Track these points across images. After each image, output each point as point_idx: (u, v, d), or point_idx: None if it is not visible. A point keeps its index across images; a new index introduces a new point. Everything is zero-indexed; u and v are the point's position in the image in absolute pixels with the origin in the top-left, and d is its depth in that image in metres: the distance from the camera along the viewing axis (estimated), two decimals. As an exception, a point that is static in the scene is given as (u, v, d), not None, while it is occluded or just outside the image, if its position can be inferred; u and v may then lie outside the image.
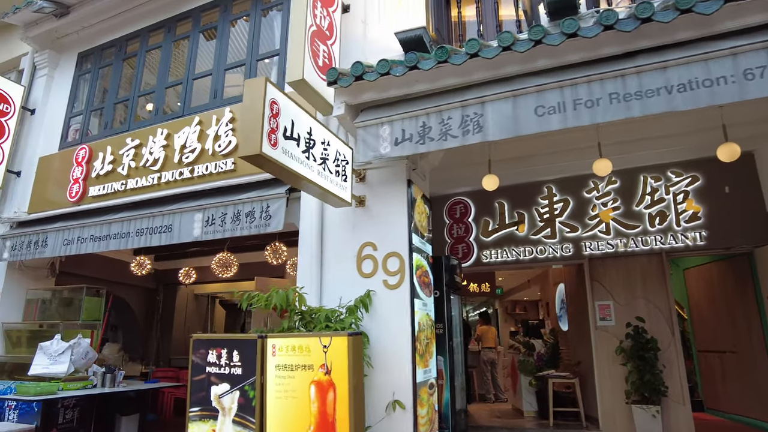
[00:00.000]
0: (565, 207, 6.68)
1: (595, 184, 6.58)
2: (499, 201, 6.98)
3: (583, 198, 6.61)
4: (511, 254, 6.81)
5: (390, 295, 4.04)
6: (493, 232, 6.94)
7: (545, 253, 6.66)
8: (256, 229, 4.59)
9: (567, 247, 6.55)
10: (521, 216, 6.86)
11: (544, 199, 6.81)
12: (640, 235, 6.20)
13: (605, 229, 6.41)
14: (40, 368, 5.71)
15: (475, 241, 6.97)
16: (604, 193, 6.52)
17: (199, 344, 3.39)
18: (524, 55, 3.66)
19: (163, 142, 5.75)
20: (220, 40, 5.94)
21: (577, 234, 6.53)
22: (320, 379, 2.91)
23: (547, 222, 6.72)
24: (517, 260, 6.78)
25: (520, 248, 6.78)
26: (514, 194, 6.88)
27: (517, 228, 6.85)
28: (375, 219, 4.27)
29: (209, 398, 3.26)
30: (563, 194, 6.72)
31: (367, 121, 4.03)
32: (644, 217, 6.23)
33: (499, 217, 6.96)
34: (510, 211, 6.94)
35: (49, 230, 6.11)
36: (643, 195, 6.31)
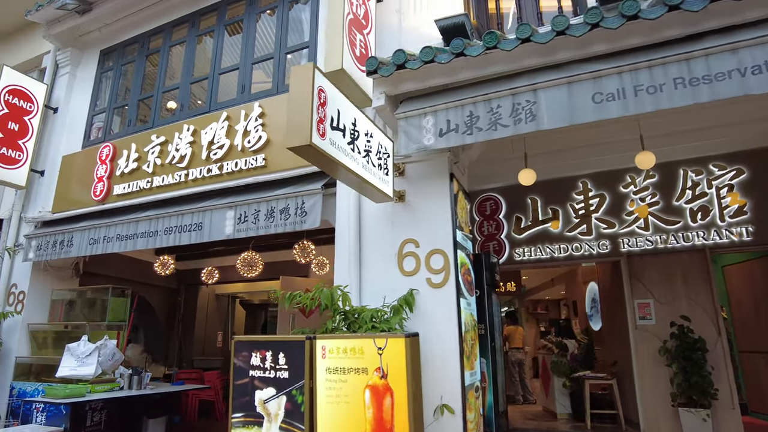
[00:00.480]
0: (601, 202, 6.45)
1: (632, 178, 6.35)
2: (531, 197, 6.77)
3: (620, 193, 6.38)
4: (545, 252, 6.60)
5: (435, 294, 3.85)
6: (525, 229, 6.73)
7: (581, 251, 6.44)
8: (291, 226, 4.43)
9: (604, 243, 6.33)
10: (555, 212, 6.65)
11: (578, 194, 6.59)
12: (681, 231, 5.96)
13: (644, 225, 6.17)
14: (67, 370, 5.60)
15: (507, 239, 6.76)
16: (641, 188, 6.28)
17: (242, 346, 3.23)
18: (579, 40, 3.46)
19: (190, 138, 5.62)
20: (246, 34, 5.79)
21: (614, 230, 6.30)
22: (376, 383, 2.73)
23: (582, 218, 6.50)
24: (552, 258, 6.57)
25: (554, 245, 6.56)
26: (547, 190, 6.67)
27: (550, 224, 6.64)
28: (416, 215, 4.09)
29: (253, 403, 3.10)
30: (599, 189, 6.49)
31: (408, 111, 3.85)
32: (685, 212, 5.99)
33: (531, 214, 6.75)
34: (543, 207, 6.73)
35: (74, 230, 6.00)
36: (684, 189, 6.06)
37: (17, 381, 6.13)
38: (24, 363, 6.30)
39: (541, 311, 14.17)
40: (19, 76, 6.79)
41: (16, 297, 6.50)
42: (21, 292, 6.49)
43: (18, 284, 6.57)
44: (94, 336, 5.99)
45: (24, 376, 6.25)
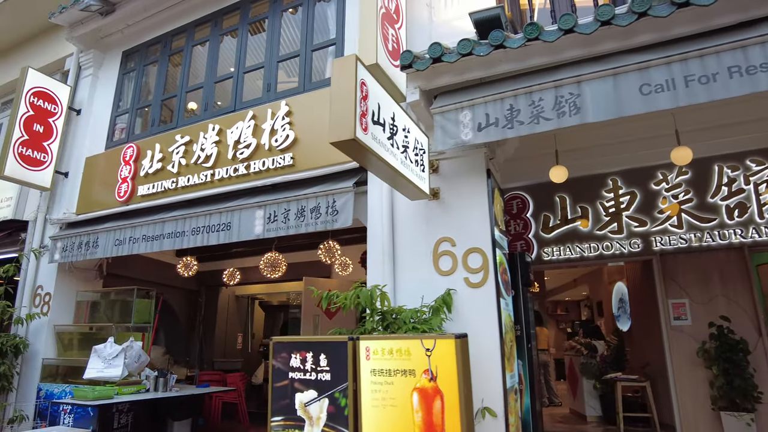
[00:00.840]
0: (632, 200, 6.29)
1: (664, 175, 6.18)
2: (559, 195, 6.62)
3: (652, 190, 6.21)
4: (574, 251, 6.45)
5: (473, 294, 3.75)
6: (554, 228, 6.58)
7: (611, 249, 6.28)
8: (322, 225, 4.35)
9: (635, 242, 6.16)
10: (584, 210, 6.50)
11: (608, 192, 6.43)
12: (717, 229, 5.78)
13: (677, 223, 6.00)
14: (95, 372, 5.58)
15: (535, 238, 6.62)
16: (674, 185, 6.11)
17: (281, 347, 3.14)
18: (623, 30, 3.34)
19: (215, 138, 5.57)
20: (271, 32, 5.73)
21: (646, 228, 6.14)
22: (424, 385, 2.63)
23: (612, 216, 6.34)
24: (582, 257, 6.42)
25: (584, 244, 6.41)
26: (575, 188, 6.51)
27: (580, 223, 6.49)
28: (451, 212, 3.99)
29: (293, 407, 3.01)
30: (629, 187, 6.33)
31: (445, 106, 3.75)
32: (721, 210, 5.81)
33: (560, 212, 6.60)
34: (572, 205, 6.58)
35: (99, 231, 5.98)
36: (719, 186, 5.88)
37: (44, 382, 6.11)
38: (50, 364, 6.29)
39: (561, 312, 13.96)
40: (44, 78, 6.80)
41: (42, 298, 6.49)
42: (47, 293, 6.49)
43: (44, 286, 6.57)
44: (119, 338, 5.96)
45: (51, 377, 6.24)
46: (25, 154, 6.45)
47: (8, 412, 5.97)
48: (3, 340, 5.82)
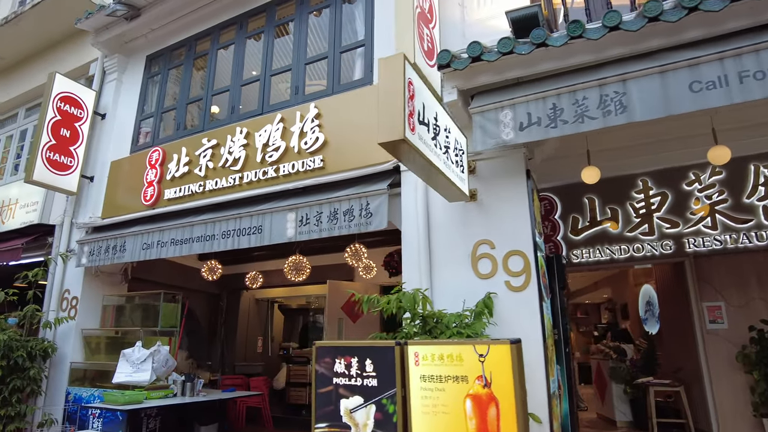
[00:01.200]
0: (663, 201, 6.16)
1: (697, 175, 6.04)
2: (588, 196, 6.51)
3: (683, 191, 6.08)
4: (604, 253, 6.33)
5: (515, 297, 3.67)
6: (583, 230, 6.47)
7: (642, 251, 6.16)
8: (356, 227, 4.29)
9: (667, 244, 6.03)
10: (614, 212, 6.38)
11: (638, 193, 6.31)
12: (754, 230, 5.64)
13: (711, 224, 5.87)
14: (123, 376, 5.57)
15: (564, 240, 6.51)
16: (707, 185, 5.98)
17: (324, 352, 3.09)
18: (671, 26, 3.25)
19: (243, 141, 5.54)
20: (298, 34, 5.70)
21: (678, 230, 6.00)
22: (478, 392, 2.56)
23: (643, 218, 6.21)
24: (612, 260, 6.30)
25: (614, 246, 6.29)
26: (604, 189, 6.39)
27: (609, 225, 6.37)
28: (489, 214, 3.91)
29: (338, 413, 2.95)
30: (660, 187, 6.20)
31: (484, 106, 3.68)
32: (757, 210, 5.66)
33: (589, 214, 6.49)
34: (601, 207, 6.46)
35: (126, 235, 5.97)
36: (755, 186, 5.74)
37: (72, 386, 6.12)
38: (78, 368, 6.30)
39: (581, 315, 13.78)
40: (70, 83, 6.84)
41: (69, 302, 6.51)
42: (74, 297, 6.50)
43: (71, 290, 6.59)
44: (146, 342, 5.95)
45: (78, 381, 6.24)
46: (52, 158, 6.48)
47: (37, 416, 5.97)
48: (32, 343, 5.83)
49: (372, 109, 4.78)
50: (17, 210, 7.80)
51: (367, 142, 4.74)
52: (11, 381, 5.59)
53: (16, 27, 8.05)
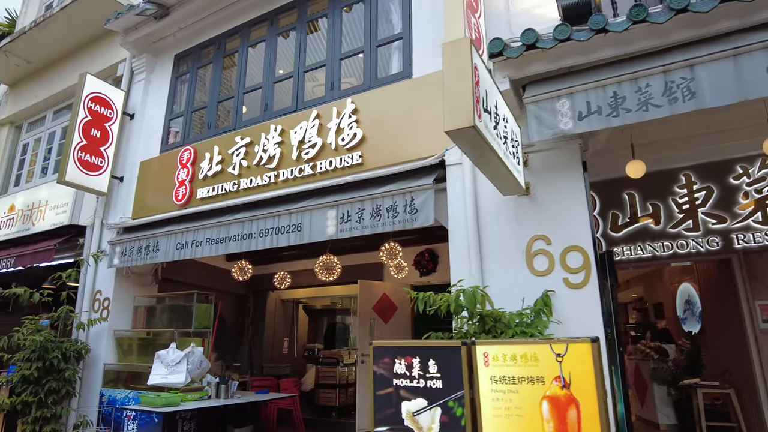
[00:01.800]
0: (708, 196, 5.92)
1: (745, 169, 5.79)
2: (628, 192, 6.28)
3: (730, 185, 5.83)
4: (645, 250, 6.11)
5: (574, 295, 3.51)
6: (623, 227, 6.25)
7: (687, 248, 5.92)
8: (400, 224, 4.16)
9: (713, 240, 5.80)
10: (655, 208, 6.17)
11: (681, 188, 6.07)
12: (809, 225, 5.40)
13: (761, 219, 5.63)
14: (159, 378, 5.50)
15: (603, 237, 6.30)
16: (756, 179, 5.74)
17: (382, 352, 2.95)
18: (745, 6, 3.08)
19: (278, 138, 5.45)
20: (332, 28, 5.60)
21: (725, 225, 5.76)
22: (555, 393, 2.41)
23: (687, 213, 5.98)
24: (654, 257, 6.07)
25: (656, 243, 6.06)
26: (644, 184, 6.16)
27: (651, 221, 6.16)
28: (543, 209, 3.76)
29: (400, 416, 2.82)
30: (704, 182, 5.96)
31: (540, 95, 3.53)
32: (811, 204, 5.42)
33: (629, 210, 6.28)
34: (641, 202, 6.24)
35: (159, 235, 5.91)
36: (809, 179, 5.50)
37: (106, 388, 6.07)
38: (111, 370, 6.25)
39: (608, 315, 13.45)
40: (100, 83, 6.82)
41: (101, 303, 6.47)
42: (106, 298, 6.46)
43: (102, 291, 6.55)
44: (179, 343, 5.87)
45: (112, 383, 6.20)
46: (84, 159, 6.46)
47: (72, 418, 5.93)
48: (66, 345, 5.79)
49: (412, 103, 4.67)
50: (47, 212, 7.80)
51: (407, 137, 4.62)
52: (47, 382, 5.55)
53: (45, 30, 8.07)
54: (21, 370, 5.46)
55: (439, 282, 7.72)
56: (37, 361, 5.51)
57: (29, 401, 5.45)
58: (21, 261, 7.01)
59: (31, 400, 5.46)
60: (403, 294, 7.83)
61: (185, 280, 7.61)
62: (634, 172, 5.18)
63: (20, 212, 8.23)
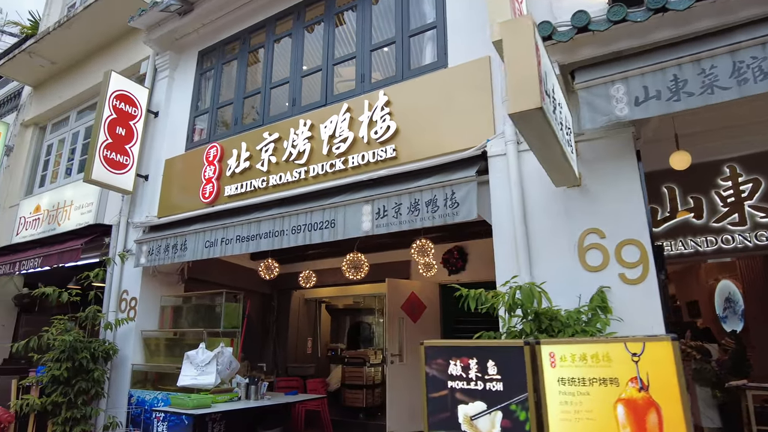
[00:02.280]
0: (755, 188, 5.66)
1: (794, 159, 5.54)
2: (667, 186, 6.05)
3: (779, 177, 5.59)
4: (687, 245, 5.87)
5: (631, 291, 3.31)
6: (663, 221, 6.02)
7: (732, 243, 5.68)
8: (440, 219, 3.99)
9: (762, 234, 5.54)
10: (697, 201, 5.92)
11: (725, 180, 5.83)
12: None
13: (813, 212, 5.36)
14: (189, 379, 5.39)
15: (642, 232, 6.07)
16: (807, 170, 5.47)
17: (435, 352, 2.79)
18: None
19: (308, 133, 5.32)
20: (361, 20, 5.45)
21: (775, 219, 5.51)
22: (632, 396, 2.23)
23: (732, 207, 5.73)
24: (696, 252, 5.83)
25: (698, 238, 5.83)
26: (685, 177, 5.92)
27: (692, 215, 5.92)
28: (596, 201, 3.57)
29: (456, 420, 2.65)
30: (751, 174, 5.71)
31: (592, 80, 3.35)
32: None
33: (669, 204, 6.04)
34: (682, 196, 6.00)
35: (187, 233, 5.82)
36: None
37: (134, 389, 5.99)
38: (139, 370, 6.17)
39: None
40: (125, 81, 6.75)
41: (128, 303, 6.40)
42: (132, 298, 6.39)
43: (129, 291, 6.48)
44: (208, 343, 5.77)
45: (140, 383, 6.12)
46: (109, 157, 6.39)
47: (101, 419, 5.86)
48: (95, 345, 5.72)
49: (448, 93, 4.50)
50: (72, 211, 7.78)
51: (443, 129, 4.45)
52: (76, 383, 5.48)
53: (69, 30, 8.04)
54: (51, 370, 5.39)
55: (469, 280, 7.52)
56: (67, 362, 5.44)
57: (59, 402, 5.39)
58: (48, 261, 6.97)
59: (61, 400, 5.39)
60: (432, 293, 7.70)
61: (210, 279, 7.52)
62: (678, 164, 4.95)
63: (46, 212, 8.23)
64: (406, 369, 6.77)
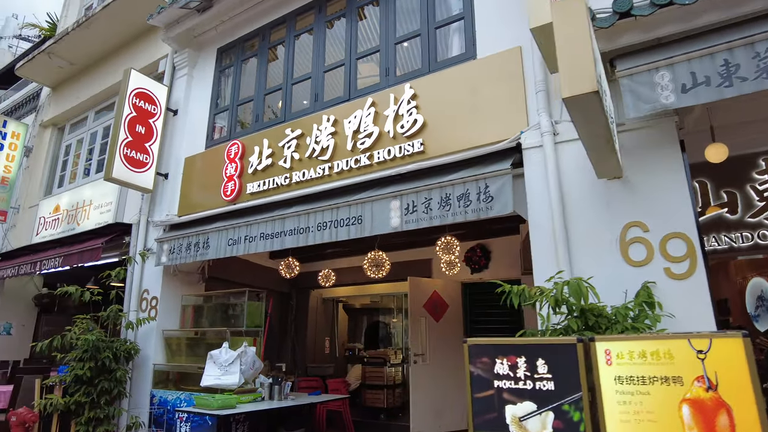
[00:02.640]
0: (793, 181, 5.49)
1: (836, 151, 5.35)
2: (698, 180, 5.87)
3: (818, 170, 5.40)
4: (721, 242, 5.69)
5: (677, 286, 3.18)
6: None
7: (769, 239, 5.50)
8: (473, 214, 3.88)
9: (801, 229, 5.36)
10: (731, 196, 5.74)
11: (761, 173, 5.65)
12: None
13: None
14: (212, 379, 5.32)
15: (674, 228, 5.90)
16: None
17: (480, 351, 2.68)
18: None
19: (331, 129, 5.23)
20: (385, 12, 5.35)
21: (815, 214, 5.33)
22: (699, 396, 2.10)
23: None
24: (731, 248, 5.65)
25: (733, 234, 5.65)
26: (717, 171, 5.76)
27: (726, 210, 5.74)
28: (638, 193, 3.43)
29: (503, 421, 2.54)
30: (788, 167, 5.53)
31: (634, 68, 3.22)
32: None
33: (700, 199, 5.86)
34: (714, 190, 5.83)
35: (209, 231, 5.75)
36: None
37: (156, 389, 5.93)
38: (161, 370, 6.12)
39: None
40: (144, 79, 6.71)
41: (149, 303, 6.35)
42: (153, 297, 6.34)
43: (149, 290, 6.43)
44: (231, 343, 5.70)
45: (162, 383, 6.07)
46: (129, 155, 6.35)
47: (124, 419, 5.81)
48: (117, 344, 5.68)
49: (477, 85, 4.39)
50: (91, 211, 7.78)
51: (472, 121, 4.34)
52: (99, 382, 5.44)
53: (87, 30, 8.04)
54: (74, 369, 5.36)
55: (492, 278, 7.37)
56: (90, 361, 5.40)
57: (82, 401, 5.35)
58: (69, 260, 6.95)
59: (84, 400, 5.35)
60: (455, 291, 7.58)
61: (230, 278, 7.46)
62: (714, 156, 4.79)
63: (65, 212, 8.23)
64: (430, 369, 6.65)
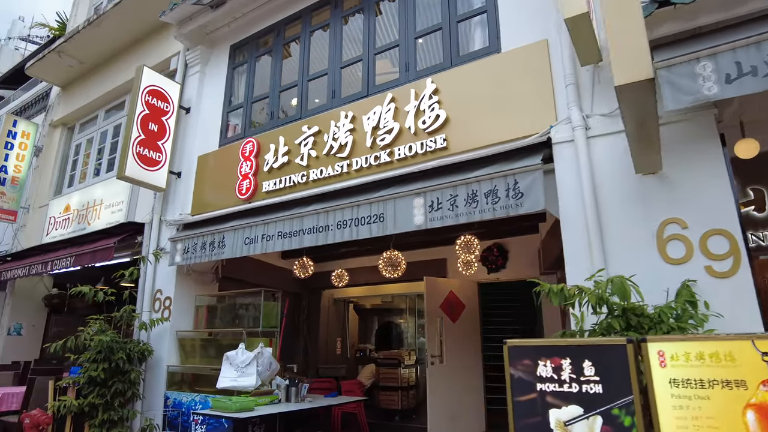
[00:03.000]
0: (821, 178, 5.35)
1: None
2: (724, 177, 5.75)
3: None
4: (748, 240, 5.55)
5: (719, 285, 3.06)
6: (721, 215, 5.71)
7: (798, 237, 5.36)
8: (502, 211, 3.76)
9: (830, 227, 5.22)
10: (758, 193, 5.61)
11: (789, 170, 5.52)
12: None
13: None
14: (228, 381, 5.22)
15: (698, 226, 5.77)
16: None
17: (520, 353, 2.57)
18: None
19: (349, 125, 5.12)
20: (405, 6, 5.24)
21: None
22: (765, 401, 1.98)
23: (797, 198, 5.42)
24: (758, 247, 5.51)
25: (760, 232, 5.51)
26: (743, 168, 5.61)
27: (753, 207, 5.60)
28: (675, 188, 3.31)
29: (547, 425, 2.43)
30: (817, 163, 5.39)
31: (673, 58, 3.08)
32: None
33: (726, 196, 5.73)
34: (741, 187, 5.69)
35: (225, 230, 5.65)
36: None
37: (170, 390, 5.84)
38: (175, 372, 6.02)
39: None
40: (157, 76, 6.63)
41: (162, 303, 6.26)
42: (167, 298, 6.25)
43: (163, 290, 6.34)
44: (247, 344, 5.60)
45: (176, 385, 5.97)
46: (142, 153, 6.27)
47: (138, 421, 5.72)
48: (131, 346, 5.59)
49: (502, 79, 4.29)
50: (102, 210, 7.70)
51: (497, 116, 4.23)
52: (113, 384, 5.35)
53: (98, 29, 7.97)
54: (87, 371, 5.26)
55: (509, 279, 7.29)
56: (103, 362, 5.31)
57: (96, 403, 5.26)
58: (80, 260, 6.87)
59: (98, 402, 5.26)
60: (471, 291, 7.46)
61: (243, 278, 7.36)
62: (745, 152, 4.62)
63: (75, 212, 8.16)
64: (447, 370, 6.53)
